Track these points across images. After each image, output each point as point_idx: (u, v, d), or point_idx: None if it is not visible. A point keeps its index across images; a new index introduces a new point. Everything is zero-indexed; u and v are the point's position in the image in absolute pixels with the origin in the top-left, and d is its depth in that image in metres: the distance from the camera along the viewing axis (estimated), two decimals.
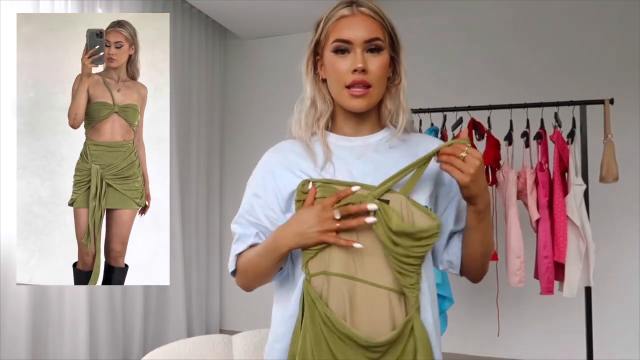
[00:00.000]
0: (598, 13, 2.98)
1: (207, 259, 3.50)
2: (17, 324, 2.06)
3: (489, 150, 2.43)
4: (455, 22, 3.26)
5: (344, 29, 0.95)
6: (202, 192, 3.44)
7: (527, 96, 2.64)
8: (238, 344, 1.64)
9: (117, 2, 2.65)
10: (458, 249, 1.01)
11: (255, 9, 3.16)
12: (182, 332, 3.06)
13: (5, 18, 2.01)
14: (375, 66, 0.94)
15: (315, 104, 1.02)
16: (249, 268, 1.01)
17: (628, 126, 2.85)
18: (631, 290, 2.85)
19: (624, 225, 2.87)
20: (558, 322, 2.93)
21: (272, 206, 0.99)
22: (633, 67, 2.90)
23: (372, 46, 0.95)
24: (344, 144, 1.00)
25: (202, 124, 3.45)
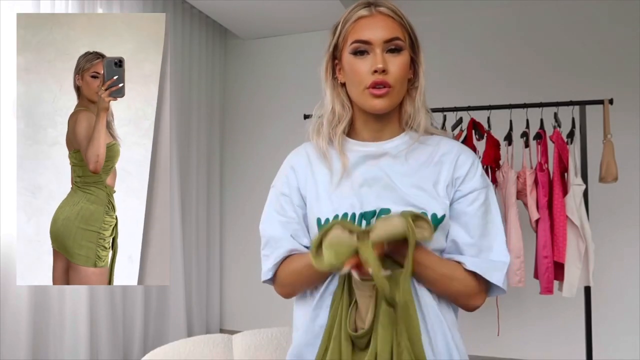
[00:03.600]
0: (598, 13, 2.98)
1: (207, 259, 3.50)
2: (17, 324, 2.06)
3: (488, 150, 2.43)
4: (454, 22, 3.26)
5: (363, 29, 0.93)
6: (202, 193, 3.44)
7: (526, 96, 2.64)
8: (238, 344, 1.64)
9: (117, 2, 2.65)
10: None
11: (255, 9, 3.16)
12: (182, 332, 3.06)
13: (5, 18, 2.01)
14: (395, 66, 0.92)
15: (334, 110, 0.99)
16: (298, 280, 0.96)
17: (628, 126, 2.85)
18: (631, 290, 2.85)
19: (624, 225, 2.87)
20: (558, 322, 2.93)
21: (298, 203, 0.99)
22: (633, 67, 2.90)
23: (392, 46, 0.93)
24: (358, 149, 0.99)
25: (202, 124, 3.45)
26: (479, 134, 2.50)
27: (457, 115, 2.56)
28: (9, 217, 2.01)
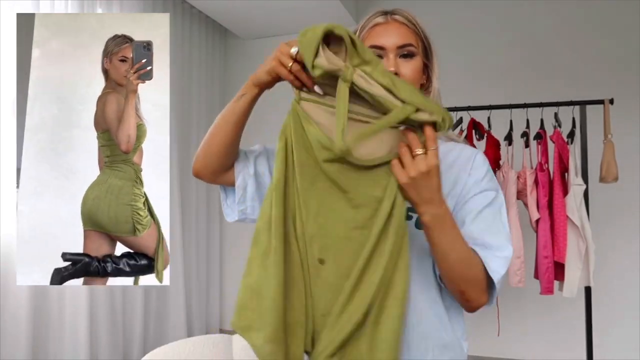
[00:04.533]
0: (598, 13, 2.98)
1: (207, 259, 3.50)
2: (17, 324, 2.06)
3: (488, 150, 2.43)
4: (454, 22, 3.25)
5: (378, 35, 0.97)
6: (202, 194, 3.44)
7: (527, 96, 2.64)
8: (238, 344, 1.64)
9: (117, 2, 2.65)
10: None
11: (255, 9, 3.16)
12: (182, 332, 3.06)
13: (5, 18, 2.01)
14: (407, 70, 0.96)
15: None
16: (213, 127, 1.03)
17: (628, 126, 2.85)
18: (631, 290, 2.85)
19: (624, 225, 2.87)
20: (558, 322, 2.93)
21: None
22: (633, 67, 2.90)
23: (405, 52, 0.96)
24: None
25: (202, 124, 3.45)
26: (479, 134, 2.50)
27: (457, 115, 2.56)
28: (8, 217, 2.01)
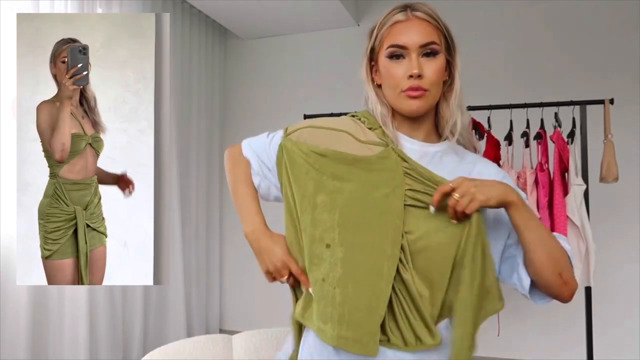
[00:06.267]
0: (598, 13, 2.98)
1: (207, 259, 3.50)
2: (17, 324, 2.06)
3: (489, 150, 2.43)
4: (454, 22, 3.25)
5: (399, 34, 0.94)
6: (202, 193, 3.44)
7: (527, 96, 2.64)
8: (238, 344, 1.64)
9: (117, 2, 2.65)
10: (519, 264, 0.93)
11: (255, 9, 3.16)
12: (182, 332, 3.06)
13: (5, 18, 2.01)
14: (431, 70, 0.92)
15: (378, 109, 0.99)
16: (230, 179, 1.12)
17: (628, 126, 2.85)
18: (631, 290, 2.85)
19: (624, 225, 2.87)
20: (558, 322, 2.93)
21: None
22: (633, 67, 2.89)
23: (428, 50, 0.93)
24: (404, 144, 0.98)
25: (202, 124, 3.45)
26: (479, 134, 2.50)
27: None
28: (8, 217, 2.01)
